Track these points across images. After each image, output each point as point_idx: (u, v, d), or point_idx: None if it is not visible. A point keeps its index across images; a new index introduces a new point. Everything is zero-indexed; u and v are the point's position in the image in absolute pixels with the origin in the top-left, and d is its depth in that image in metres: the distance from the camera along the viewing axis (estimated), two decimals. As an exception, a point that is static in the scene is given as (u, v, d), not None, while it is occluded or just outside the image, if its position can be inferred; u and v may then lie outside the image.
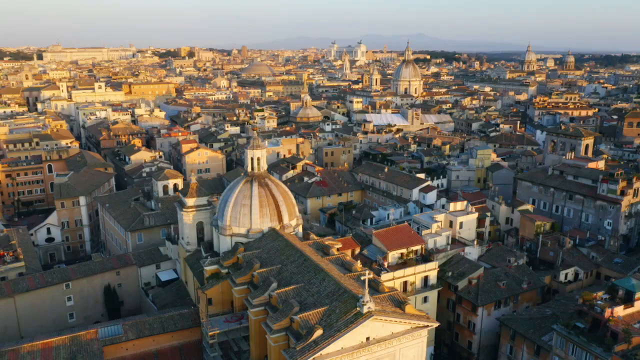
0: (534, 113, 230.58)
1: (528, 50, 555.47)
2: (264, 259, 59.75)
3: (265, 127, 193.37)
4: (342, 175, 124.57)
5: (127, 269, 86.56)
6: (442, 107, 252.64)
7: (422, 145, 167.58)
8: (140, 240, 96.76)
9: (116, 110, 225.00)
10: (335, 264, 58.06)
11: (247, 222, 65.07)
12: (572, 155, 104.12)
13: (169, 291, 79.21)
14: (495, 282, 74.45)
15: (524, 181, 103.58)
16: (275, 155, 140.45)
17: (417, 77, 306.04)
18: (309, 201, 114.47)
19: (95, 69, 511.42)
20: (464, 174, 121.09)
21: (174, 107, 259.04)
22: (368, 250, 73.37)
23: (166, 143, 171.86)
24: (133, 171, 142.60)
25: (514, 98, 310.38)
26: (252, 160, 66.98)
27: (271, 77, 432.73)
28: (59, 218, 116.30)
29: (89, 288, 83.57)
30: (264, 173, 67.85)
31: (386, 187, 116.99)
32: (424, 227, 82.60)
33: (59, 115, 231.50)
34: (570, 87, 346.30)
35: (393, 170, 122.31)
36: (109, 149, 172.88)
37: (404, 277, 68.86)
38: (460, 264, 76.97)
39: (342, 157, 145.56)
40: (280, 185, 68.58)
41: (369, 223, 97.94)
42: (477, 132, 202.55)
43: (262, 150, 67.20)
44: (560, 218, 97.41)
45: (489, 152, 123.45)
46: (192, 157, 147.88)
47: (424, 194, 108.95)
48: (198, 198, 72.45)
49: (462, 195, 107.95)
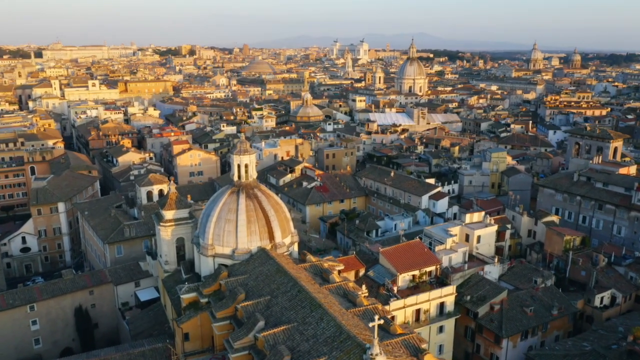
0: (545, 112, 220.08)
1: (534, 49, 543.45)
2: (250, 287, 49.88)
3: (264, 127, 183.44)
4: (344, 179, 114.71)
5: (102, 287, 76.85)
6: (448, 106, 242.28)
7: (430, 146, 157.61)
8: (119, 253, 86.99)
9: (108, 109, 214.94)
10: (337, 294, 48.25)
11: (233, 240, 55.16)
12: (599, 159, 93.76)
13: (146, 315, 69.40)
14: (521, 308, 64.50)
15: (546, 188, 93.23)
16: (273, 157, 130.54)
17: (422, 75, 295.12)
18: (308, 209, 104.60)
19: (93, 67, 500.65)
20: (477, 179, 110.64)
21: (170, 106, 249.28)
22: (374, 271, 63.44)
23: (158, 144, 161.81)
24: (120, 174, 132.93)
25: (522, 97, 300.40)
26: (239, 167, 57.02)
27: (272, 75, 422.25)
28: (35, 226, 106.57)
29: (57, 310, 73.88)
30: (253, 182, 57.83)
31: (392, 193, 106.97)
32: (438, 242, 72.74)
33: (49, 114, 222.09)
34: (579, 86, 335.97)
35: (400, 174, 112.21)
36: (98, 150, 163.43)
37: (416, 304, 58.96)
38: (480, 286, 67.07)
39: (344, 160, 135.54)
40: (272, 196, 58.58)
41: (374, 235, 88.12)
42: (487, 132, 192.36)
43: (251, 156, 57.24)
44: (588, 230, 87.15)
45: (504, 154, 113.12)
46: (184, 159, 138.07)
47: (434, 201, 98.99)
48: (178, 210, 62.45)
49: (477, 203, 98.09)
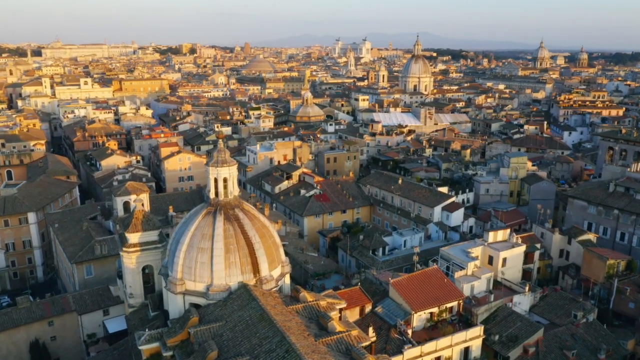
0: (558, 112, 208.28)
1: (541, 47, 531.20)
2: (226, 340, 38.76)
3: (260, 128, 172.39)
4: (347, 187, 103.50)
5: (64, 317, 65.75)
6: (455, 105, 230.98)
7: (439, 149, 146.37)
8: (89, 274, 75.77)
9: (98, 108, 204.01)
10: (337, 350, 37.14)
11: (207, 275, 44.03)
12: (638, 166, 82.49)
13: (110, 354, 58.29)
14: (561, 351, 53.28)
15: (577, 199, 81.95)
16: (268, 161, 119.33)
17: (427, 73, 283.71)
18: (306, 220, 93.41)
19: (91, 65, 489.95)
20: (495, 187, 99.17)
21: (165, 105, 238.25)
22: (383, 307, 52.20)
23: (146, 146, 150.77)
24: (103, 179, 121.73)
25: (531, 96, 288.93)
26: (216, 182, 45.86)
27: (272, 73, 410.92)
28: (2, 239, 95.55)
29: (8, 345, 62.81)
30: (234, 200, 46.56)
31: (400, 203, 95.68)
32: (457, 267, 61.64)
33: (38, 113, 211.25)
34: (589, 85, 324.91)
35: (408, 181, 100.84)
36: (83, 152, 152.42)
37: (436, 351, 47.79)
38: (510, 322, 55.80)
39: (347, 164, 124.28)
40: (258, 218, 47.26)
41: (381, 253, 76.96)
42: (498, 133, 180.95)
43: (231, 168, 46.02)
44: (627, 249, 75.83)
45: (524, 160, 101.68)
46: (173, 162, 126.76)
47: (448, 213, 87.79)
48: (144, 233, 51.19)
49: (498, 216, 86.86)
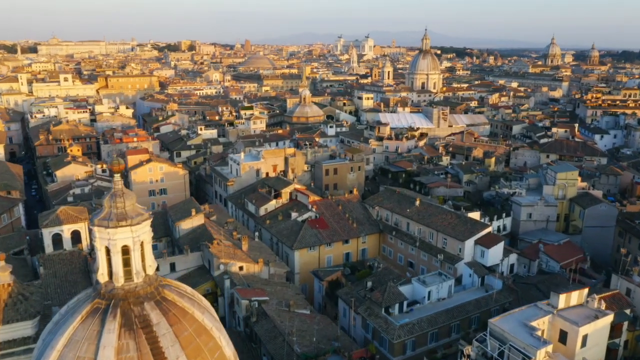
0: (585, 113, 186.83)
1: (552, 43, 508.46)
2: None
3: (251, 130, 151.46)
4: (350, 208, 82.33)
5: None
6: (469, 104, 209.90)
7: (457, 156, 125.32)
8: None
9: (73, 107, 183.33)
10: None
11: None
12: None
13: None
14: None
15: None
16: (254, 173, 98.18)
17: (436, 70, 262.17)
18: (297, 255, 72.24)
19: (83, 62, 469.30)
20: (540, 211, 77.58)
21: (150, 104, 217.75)
22: None
23: (116, 151, 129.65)
24: (57, 193, 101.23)
25: (548, 95, 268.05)
26: (111, 255, 24.94)
27: (271, 70, 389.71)
28: None
29: None
30: (144, 287, 25.39)
31: (419, 232, 74.67)
32: (518, 354, 40.75)
33: (8, 112, 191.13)
34: (608, 83, 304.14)
35: (428, 203, 79.45)
36: (44, 159, 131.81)
37: None
38: None
39: (350, 177, 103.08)
40: (191, 315, 25.92)
41: (397, 310, 56.08)
42: (521, 137, 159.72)
43: (141, 227, 25.08)
44: None
45: (575, 175, 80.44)
46: (141, 173, 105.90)
47: (483, 249, 66.79)
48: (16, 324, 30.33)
49: (546, 251, 65.77)
